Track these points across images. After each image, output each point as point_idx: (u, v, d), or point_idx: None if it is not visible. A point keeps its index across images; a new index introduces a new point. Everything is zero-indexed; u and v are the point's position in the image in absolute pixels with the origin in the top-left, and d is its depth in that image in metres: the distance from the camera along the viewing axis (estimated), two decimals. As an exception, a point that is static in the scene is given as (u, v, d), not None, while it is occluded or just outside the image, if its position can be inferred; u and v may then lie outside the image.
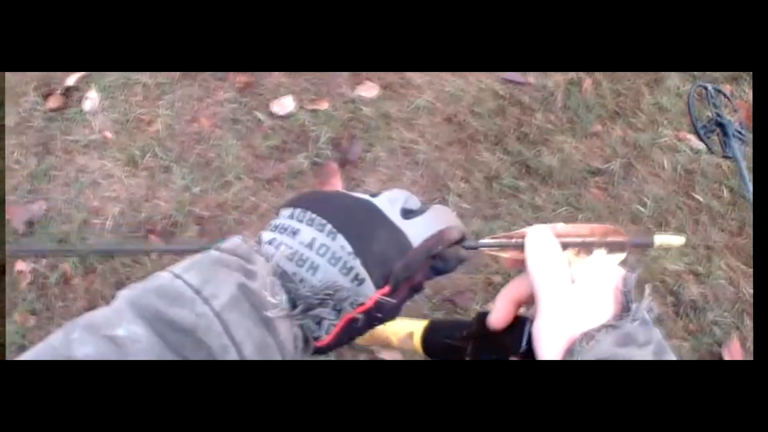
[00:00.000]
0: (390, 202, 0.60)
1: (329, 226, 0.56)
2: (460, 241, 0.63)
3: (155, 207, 1.95)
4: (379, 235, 0.57)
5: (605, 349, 0.53)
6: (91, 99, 2.13)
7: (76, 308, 1.87)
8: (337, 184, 1.92)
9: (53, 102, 2.17)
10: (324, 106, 2.05)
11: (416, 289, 0.60)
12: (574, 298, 0.56)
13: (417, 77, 2.07)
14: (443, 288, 1.82)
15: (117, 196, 1.98)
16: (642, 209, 1.94)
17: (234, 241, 0.56)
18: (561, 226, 0.60)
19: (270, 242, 0.57)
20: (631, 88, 2.10)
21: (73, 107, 2.15)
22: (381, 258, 0.56)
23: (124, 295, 0.51)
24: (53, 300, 1.89)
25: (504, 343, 0.64)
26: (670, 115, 2.07)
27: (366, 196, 0.61)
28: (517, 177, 1.94)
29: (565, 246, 0.59)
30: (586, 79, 2.08)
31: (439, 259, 0.60)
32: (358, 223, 0.57)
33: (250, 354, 0.51)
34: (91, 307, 1.85)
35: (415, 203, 0.62)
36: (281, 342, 0.53)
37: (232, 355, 0.50)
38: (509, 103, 2.04)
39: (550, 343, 0.55)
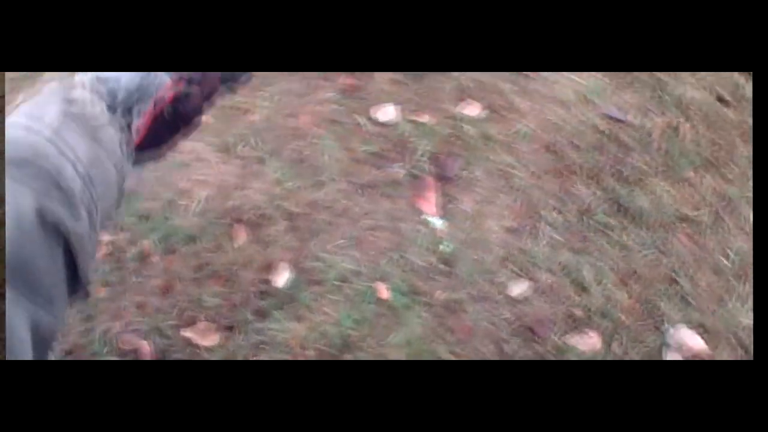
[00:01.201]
0: None
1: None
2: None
3: (245, 197, 1.95)
4: None
5: None
6: (191, 80, 2.13)
7: (150, 286, 1.86)
8: (432, 199, 1.92)
9: (150, 78, 2.17)
10: (426, 118, 2.05)
11: (209, 94, 0.69)
12: None
13: (521, 102, 2.08)
14: (524, 315, 1.83)
15: (207, 181, 1.98)
16: (725, 261, 1.94)
17: (51, 84, 0.63)
18: None
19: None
20: (726, 139, 2.11)
21: (171, 86, 2.15)
22: None
23: None
24: (128, 275, 1.88)
25: None
26: (761, 171, 2.08)
27: None
28: (608, 214, 1.95)
29: None
30: (685, 125, 2.09)
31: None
32: None
33: (85, 166, 0.57)
34: (168, 287, 1.86)
35: None
36: (110, 150, 0.61)
37: (69, 171, 0.56)
38: (608, 140, 2.05)
39: None
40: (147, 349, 1.76)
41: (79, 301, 0.60)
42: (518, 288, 1.85)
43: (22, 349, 0.50)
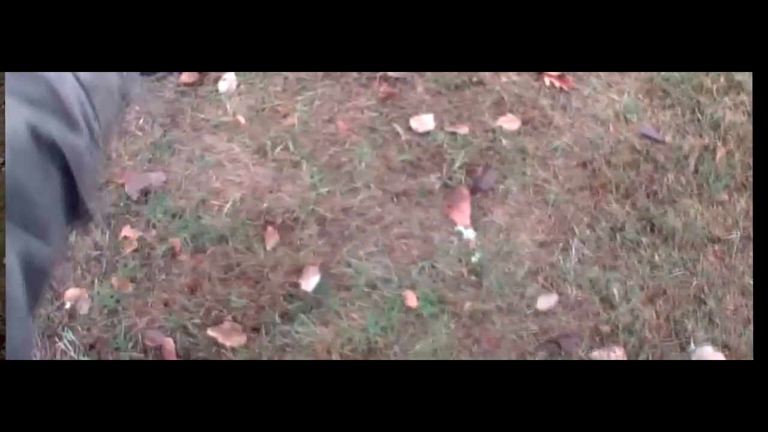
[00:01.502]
0: None
1: None
2: None
3: (278, 200, 1.96)
4: None
5: None
6: (229, 81, 2.15)
7: (178, 284, 1.87)
8: (465, 210, 1.93)
9: (188, 77, 2.18)
10: (463, 130, 2.05)
11: None
12: None
13: (559, 118, 2.08)
14: (551, 328, 1.83)
15: (241, 182, 1.99)
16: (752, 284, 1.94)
17: None
18: None
19: None
20: (761, 165, 2.10)
21: (208, 85, 2.17)
22: None
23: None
24: (156, 272, 1.89)
25: None
26: (795, 198, 2.08)
27: None
28: (640, 232, 1.95)
29: None
30: (721, 148, 2.09)
31: None
32: None
33: (88, 77, 0.53)
34: (195, 285, 1.86)
35: None
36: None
37: (68, 78, 0.52)
38: (644, 159, 2.05)
39: None
40: (171, 347, 1.77)
41: (79, 227, 0.54)
42: (546, 302, 1.85)
43: (11, 284, 0.45)
